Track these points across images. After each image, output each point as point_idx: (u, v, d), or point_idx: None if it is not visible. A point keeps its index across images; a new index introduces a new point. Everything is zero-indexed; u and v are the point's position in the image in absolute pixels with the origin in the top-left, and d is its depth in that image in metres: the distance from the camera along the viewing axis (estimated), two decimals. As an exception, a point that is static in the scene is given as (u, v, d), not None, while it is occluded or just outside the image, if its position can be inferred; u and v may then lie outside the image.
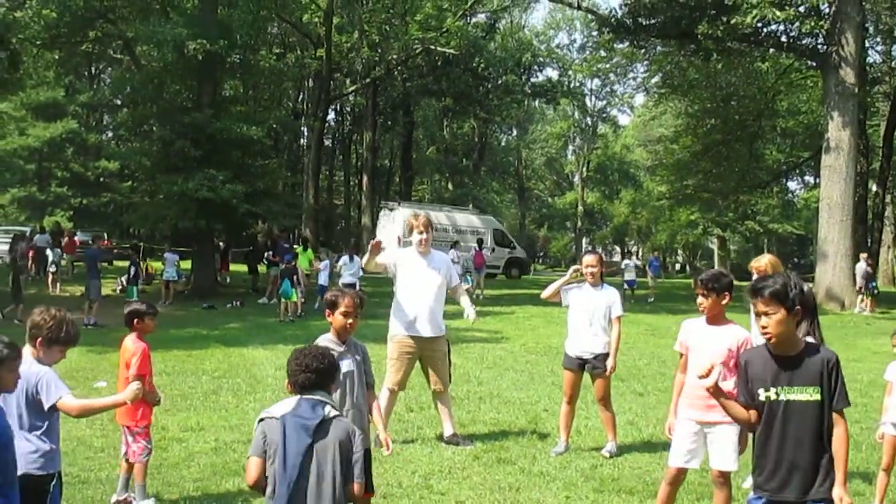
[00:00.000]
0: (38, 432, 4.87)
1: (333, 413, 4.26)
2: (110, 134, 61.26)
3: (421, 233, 9.01)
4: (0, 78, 28.21)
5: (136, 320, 6.73)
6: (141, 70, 30.88)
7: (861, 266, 27.79)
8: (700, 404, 5.96)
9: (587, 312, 8.58)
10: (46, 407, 4.85)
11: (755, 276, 6.46)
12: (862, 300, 27.52)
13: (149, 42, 28.91)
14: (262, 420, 4.28)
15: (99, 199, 55.02)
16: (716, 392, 4.45)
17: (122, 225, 50.82)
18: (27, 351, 4.94)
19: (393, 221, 38.26)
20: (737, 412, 4.44)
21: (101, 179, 57.03)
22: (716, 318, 6.04)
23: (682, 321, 6.48)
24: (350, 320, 5.72)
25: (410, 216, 9.33)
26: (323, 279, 24.43)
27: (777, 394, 4.22)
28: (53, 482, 4.92)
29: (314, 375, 4.31)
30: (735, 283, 6.31)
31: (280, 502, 4.12)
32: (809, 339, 4.74)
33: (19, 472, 4.50)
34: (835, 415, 4.20)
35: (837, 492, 4.13)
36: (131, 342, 6.67)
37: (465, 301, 9.41)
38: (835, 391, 4.17)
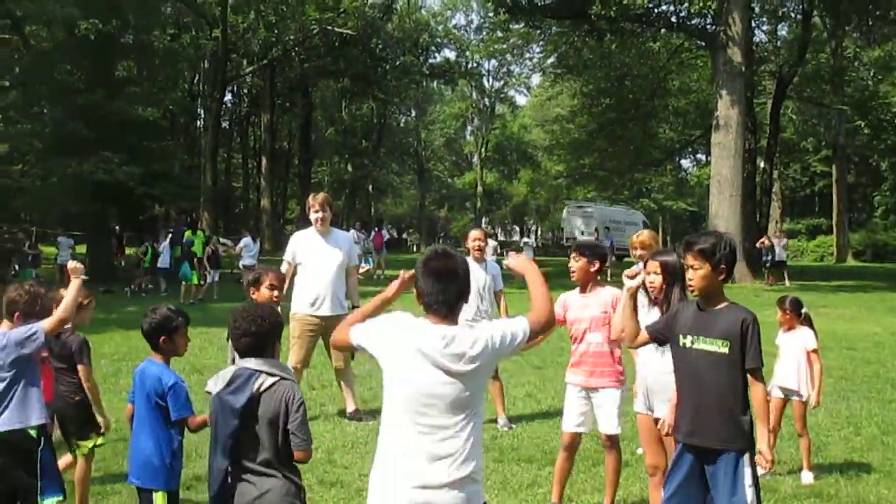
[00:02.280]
0: None
1: (268, 383, 3.93)
2: (-1, 116, 59.20)
3: (317, 211, 9.02)
4: None
5: None
6: (30, 50, 29.95)
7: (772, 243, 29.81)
8: (583, 370, 6.20)
9: (474, 291, 8.70)
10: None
11: (637, 252, 6.76)
12: (767, 276, 29.14)
13: (38, 21, 28.16)
14: (208, 393, 4.07)
15: (-13, 184, 53.18)
16: (634, 293, 4.90)
17: (12, 209, 49.19)
18: (5, 325, 5.30)
19: (584, 216, 43.21)
20: (628, 314, 4.88)
21: (-10, 163, 55.15)
22: (587, 286, 6.25)
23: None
24: (276, 293, 5.99)
25: (311, 196, 9.32)
26: (164, 261, 24.52)
27: (691, 342, 4.50)
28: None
29: (251, 339, 4.04)
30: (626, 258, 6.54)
31: (213, 487, 3.97)
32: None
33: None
34: (750, 376, 4.42)
35: (763, 448, 4.37)
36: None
37: (353, 294, 9.49)
38: (747, 350, 4.39)
